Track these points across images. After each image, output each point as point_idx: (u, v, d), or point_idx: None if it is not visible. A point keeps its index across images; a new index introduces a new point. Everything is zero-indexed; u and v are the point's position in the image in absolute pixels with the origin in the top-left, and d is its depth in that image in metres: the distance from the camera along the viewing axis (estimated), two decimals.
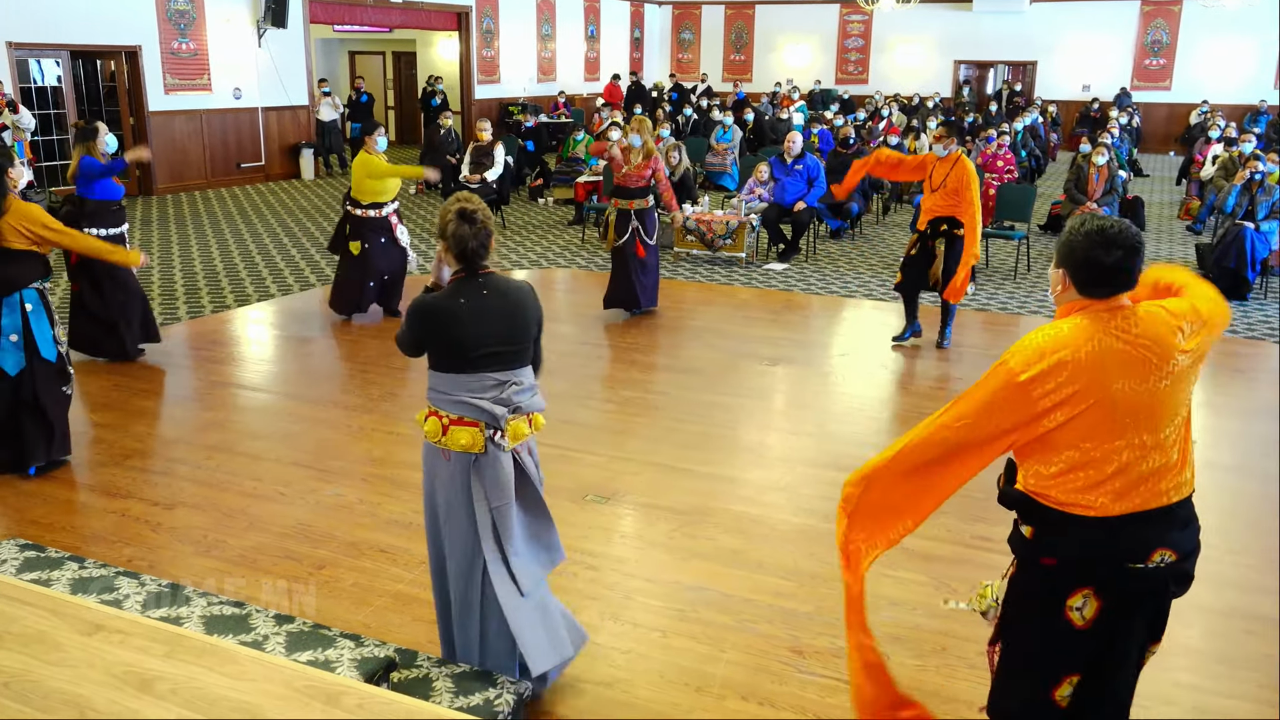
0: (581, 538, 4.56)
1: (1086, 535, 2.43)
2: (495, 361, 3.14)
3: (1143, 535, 2.42)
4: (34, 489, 5.01)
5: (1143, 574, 2.45)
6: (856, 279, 10.10)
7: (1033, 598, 2.55)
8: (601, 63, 24.80)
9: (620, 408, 6.36)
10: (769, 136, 17.74)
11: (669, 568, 4.34)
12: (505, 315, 3.15)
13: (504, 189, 12.83)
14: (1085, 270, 2.41)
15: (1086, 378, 2.36)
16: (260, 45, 15.89)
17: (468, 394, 3.13)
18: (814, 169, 10.90)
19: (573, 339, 7.97)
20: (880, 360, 7.48)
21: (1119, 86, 22.81)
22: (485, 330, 3.10)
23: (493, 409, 3.12)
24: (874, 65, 25.27)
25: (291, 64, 16.52)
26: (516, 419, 3.18)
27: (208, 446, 5.59)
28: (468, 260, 3.13)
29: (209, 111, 15.27)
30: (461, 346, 3.10)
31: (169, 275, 9.68)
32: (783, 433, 6.06)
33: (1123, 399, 2.37)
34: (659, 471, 5.32)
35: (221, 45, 15.29)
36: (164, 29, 14.42)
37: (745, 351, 7.54)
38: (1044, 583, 2.52)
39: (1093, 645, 2.50)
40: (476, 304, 3.11)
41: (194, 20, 14.82)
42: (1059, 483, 2.45)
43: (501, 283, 3.19)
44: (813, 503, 4.97)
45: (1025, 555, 2.57)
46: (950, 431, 2.48)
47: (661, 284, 8.79)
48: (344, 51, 24.05)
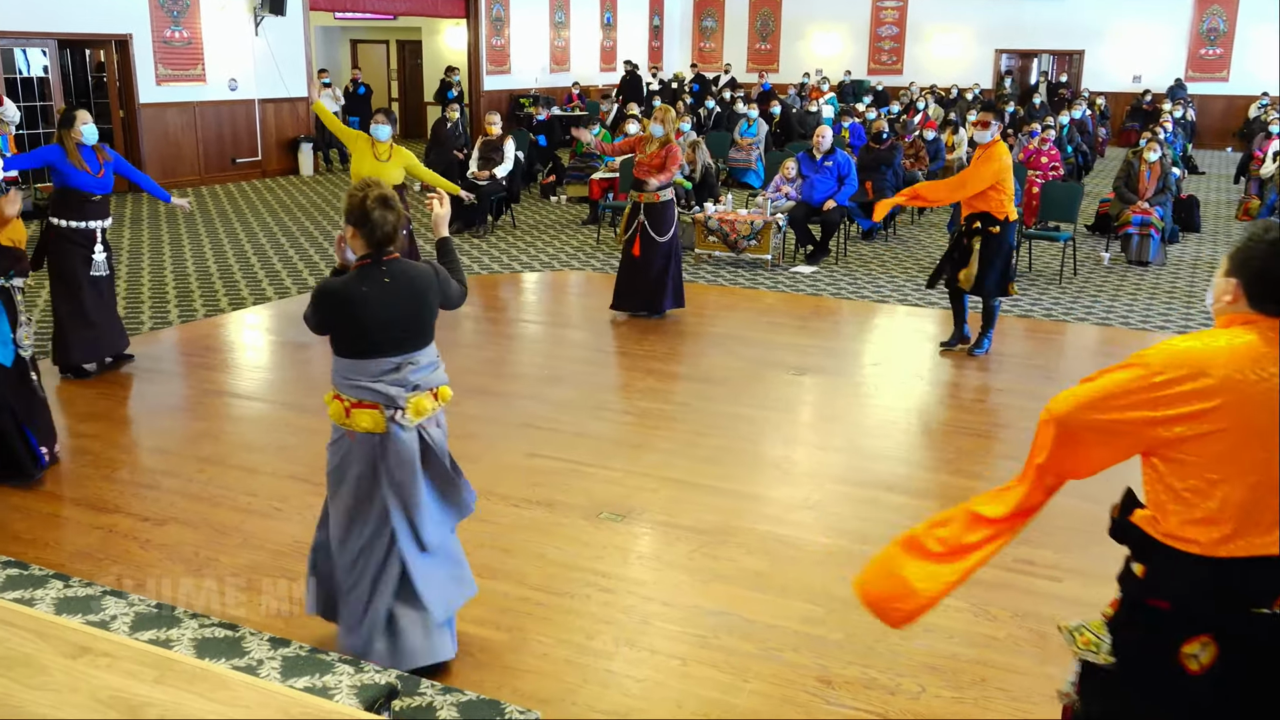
0: (595, 558, 4.56)
1: (1205, 576, 2.33)
2: (394, 346, 3.43)
3: (1271, 579, 2.32)
4: (16, 502, 5.05)
5: (1271, 621, 2.32)
6: (890, 283, 10.08)
7: (1141, 643, 2.44)
8: (618, 52, 24.86)
9: (637, 419, 6.36)
10: (797, 131, 17.72)
11: (688, 591, 4.33)
12: (406, 301, 3.43)
13: (514, 186, 12.89)
14: (1262, 283, 2.32)
15: (1230, 397, 2.26)
16: (257, 33, 16.01)
17: (366, 379, 3.42)
18: (845, 165, 10.89)
19: (586, 345, 7.98)
20: (915, 370, 7.45)
21: (1173, 77, 22.71)
22: (386, 317, 3.39)
23: (389, 390, 3.41)
24: (909, 54, 25.24)
25: (290, 53, 16.63)
26: (418, 396, 3.46)
27: (200, 458, 5.62)
28: (378, 246, 3.41)
29: (203, 104, 15.39)
30: (361, 332, 3.40)
31: (159, 277, 9.75)
32: (810, 447, 6.05)
33: (1265, 430, 2.27)
34: (678, 488, 5.31)
35: (216, 34, 15.41)
36: (156, 16, 14.55)
37: (770, 360, 7.53)
38: (1154, 627, 2.41)
39: (1211, 697, 2.36)
40: (378, 290, 3.38)
41: (187, 7, 14.95)
42: (1180, 514, 2.35)
43: (403, 268, 3.46)
44: (843, 523, 4.96)
45: (1135, 595, 2.46)
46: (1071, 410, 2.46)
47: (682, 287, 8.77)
48: (345, 40, 24.20)
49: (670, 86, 23.02)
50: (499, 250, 11.30)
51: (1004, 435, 6.27)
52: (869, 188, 11.78)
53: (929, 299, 9.37)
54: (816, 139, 11.01)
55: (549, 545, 4.66)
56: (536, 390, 6.91)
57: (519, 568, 4.45)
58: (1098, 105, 20.88)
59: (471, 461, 5.57)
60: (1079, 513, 5.09)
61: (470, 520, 4.84)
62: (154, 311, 8.54)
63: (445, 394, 3.60)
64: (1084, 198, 12.24)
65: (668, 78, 24.15)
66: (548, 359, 7.80)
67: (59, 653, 2.20)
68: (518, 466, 5.54)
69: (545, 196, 15.08)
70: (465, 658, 3.79)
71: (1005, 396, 6.92)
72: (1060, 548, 4.68)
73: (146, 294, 9.04)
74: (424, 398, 3.48)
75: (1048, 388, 7.14)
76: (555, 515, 4.97)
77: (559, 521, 4.90)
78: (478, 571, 4.37)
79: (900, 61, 25.34)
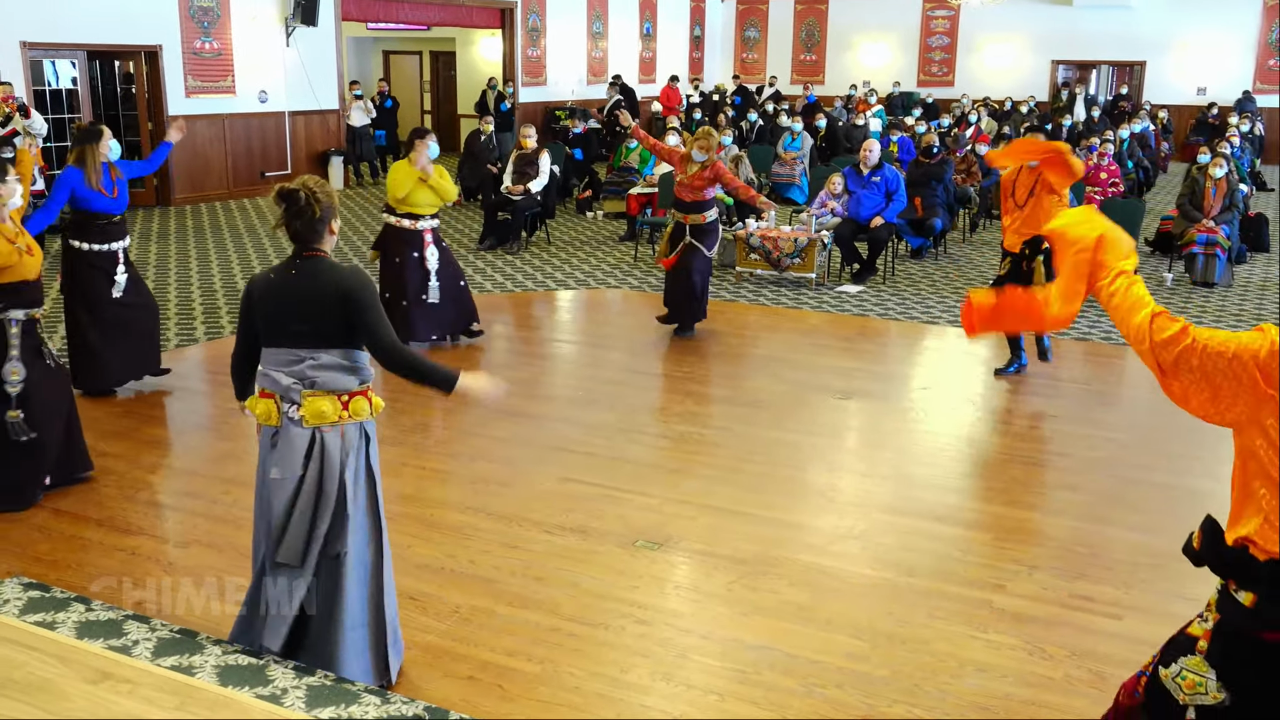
0: (630, 588, 4.55)
1: None
2: (289, 338, 3.58)
3: None
4: (39, 523, 5.13)
5: None
6: (940, 303, 10.03)
7: (1250, 683, 2.36)
8: (658, 63, 24.99)
9: (674, 444, 6.36)
10: (843, 145, 17.71)
11: (728, 623, 4.32)
12: (303, 296, 3.56)
13: (549, 201, 12.96)
14: None
15: None
16: (288, 44, 16.25)
17: (269, 366, 3.63)
18: (893, 181, 10.86)
19: (622, 366, 8.00)
20: (967, 395, 7.40)
21: (1240, 89, 22.46)
22: (280, 306, 3.58)
23: (280, 377, 3.58)
24: (961, 65, 25.15)
25: (321, 65, 16.86)
26: (314, 395, 3.56)
27: (224, 479, 5.68)
28: (291, 239, 3.61)
29: (232, 116, 15.62)
30: (263, 318, 3.62)
31: (186, 293, 9.89)
32: (856, 475, 6.01)
33: None
34: (717, 516, 5.30)
35: (247, 45, 15.66)
36: (186, 27, 14.81)
37: (815, 383, 7.51)
38: (1264, 662, 2.33)
39: None
40: (281, 280, 3.61)
41: (218, 18, 15.21)
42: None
43: (315, 266, 3.60)
44: (889, 554, 4.92)
45: (1242, 627, 2.36)
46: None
47: (722, 307, 8.80)
48: (378, 51, 24.49)
49: (711, 99, 23.10)
50: (533, 267, 11.36)
51: (1060, 464, 6.20)
52: (918, 204, 11.73)
53: None
54: (864, 153, 10.99)
55: (583, 574, 4.66)
56: (571, 413, 6.93)
57: (551, 597, 4.46)
58: (1160, 119, 20.69)
59: (502, 486, 5.61)
60: (1142, 547, 5.03)
61: (501, 548, 4.88)
62: (180, 328, 8.66)
63: (358, 409, 3.64)
64: (1146, 215, 12.13)
65: (709, 89, 24.24)
66: (582, 380, 7.82)
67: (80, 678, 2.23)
68: (551, 492, 5.55)
69: (581, 212, 15.15)
70: (494, 689, 3.80)
71: (1061, 423, 6.85)
72: (1121, 583, 4.62)
73: (173, 310, 9.17)
74: (321, 399, 3.56)
75: (1106, 414, 7.06)
76: (589, 543, 4.97)
77: (593, 549, 4.90)
78: (508, 600, 4.40)
79: (951, 73, 25.26)
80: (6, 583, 4.47)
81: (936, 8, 24.92)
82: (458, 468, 5.91)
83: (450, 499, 5.46)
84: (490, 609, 4.35)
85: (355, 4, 17.54)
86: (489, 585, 4.55)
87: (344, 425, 3.61)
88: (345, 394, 3.59)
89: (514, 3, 20.34)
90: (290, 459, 3.58)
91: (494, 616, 4.30)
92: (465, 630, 4.19)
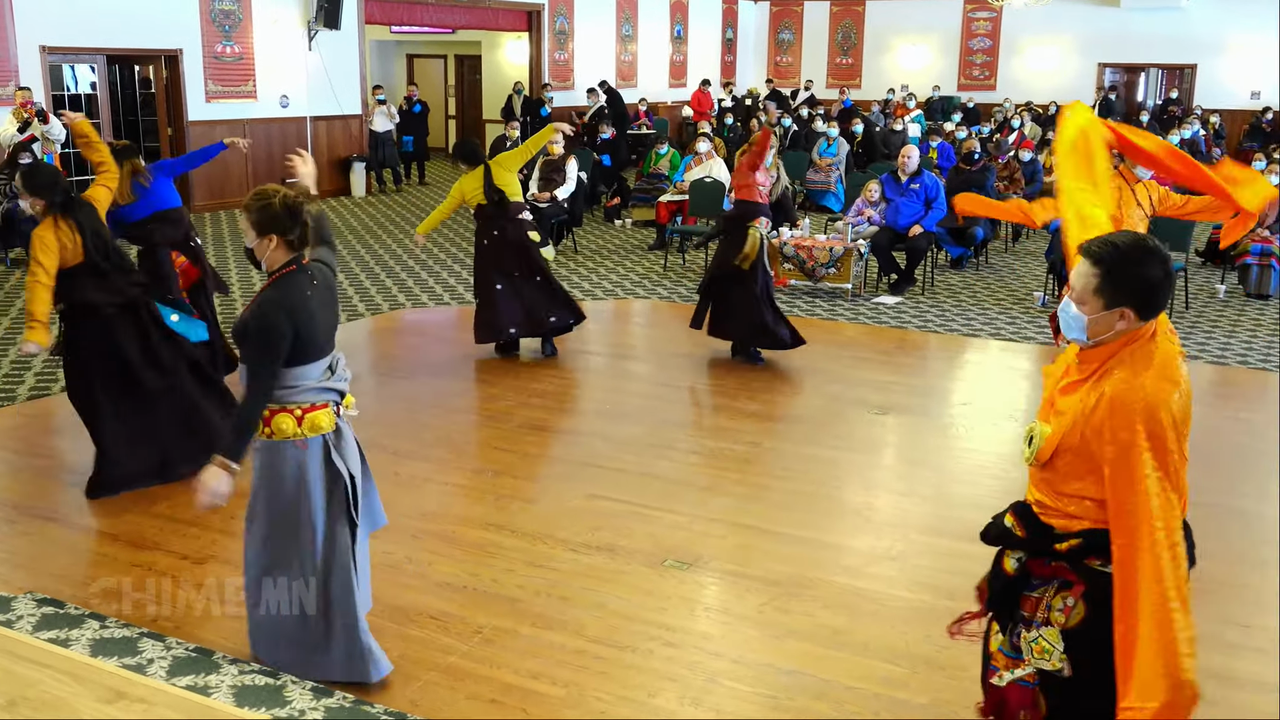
0: (659, 609, 4.54)
1: None
2: (331, 344, 3.85)
3: None
4: (54, 537, 5.18)
5: None
6: (981, 315, 9.97)
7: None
8: (689, 66, 25.03)
9: (705, 460, 6.34)
10: (880, 150, 17.67)
11: (759, 647, 4.30)
12: (331, 300, 3.88)
13: (576, 209, 13.00)
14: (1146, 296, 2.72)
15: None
16: (311, 48, 16.41)
17: (322, 377, 3.82)
18: (932, 188, 10.82)
19: (652, 379, 7.99)
20: (1009, 410, 7.35)
21: None
22: (327, 313, 3.82)
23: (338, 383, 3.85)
24: (1003, 69, 25.06)
25: (344, 69, 17.02)
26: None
27: (243, 494, 5.69)
28: (298, 246, 3.74)
29: (253, 121, 15.76)
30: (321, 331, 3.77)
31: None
32: (894, 494, 5.98)
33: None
34: (749, 535, 5.28)
35: (268, 49, 15.82)
36: (207, 31, 14.98)
37: (851, 397, 7.48)
38: None
39: None
40: (320, 291, 3.80)
41: (239, 21, 15.37)
42: None
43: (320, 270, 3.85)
44: (929, 576, 4.89)
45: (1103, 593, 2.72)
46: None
47: None
48: (401, 55, 24.69)
49: (744, 103, 23.11)
50: (560, 277, 11.37)
51: None
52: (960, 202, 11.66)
53: (1024, 333, 9.24)
54: (902, 160, 10.96)
55: (610, 594, 4.66)
56: (598, 427, 6.93)
57: (577, 618, 4.45)
58: (1212, 124, 20.51)
59: (528, 502, 5.62)
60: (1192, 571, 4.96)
61: (525, 566, 4.88)
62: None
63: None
64: (1197, 224, 12.01)
65: (741, 93, 24.25)
66: (610, 393, 7.82)
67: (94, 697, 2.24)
68: (578, 509, 5.55)
69: (609, 220, 15.18)
70: (517, 713, 3.80)
71: None
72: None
73: None
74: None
75: None
76: (617, 562, 4.96)
77: (621, 569, 4.89)
78: (532, 621, 4.40)
79: (993, 76, 25.16)
80: (20, 598, 4.51)
81: (978, 9, 24.83)
82: (481, 483, 5.92)
83: (473, 515, 5.47)
84: (514, 630, 4.35)
85: (379, 7, 17.69)
86: (513, 605, 4.55)
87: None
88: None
89: (541, 5, 20.44)
90: (350, 451, 3.83)
91: (518, 638, 4.30)
92: (488, 652, 4.19)
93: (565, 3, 21.06)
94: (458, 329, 9.33)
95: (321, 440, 3.73)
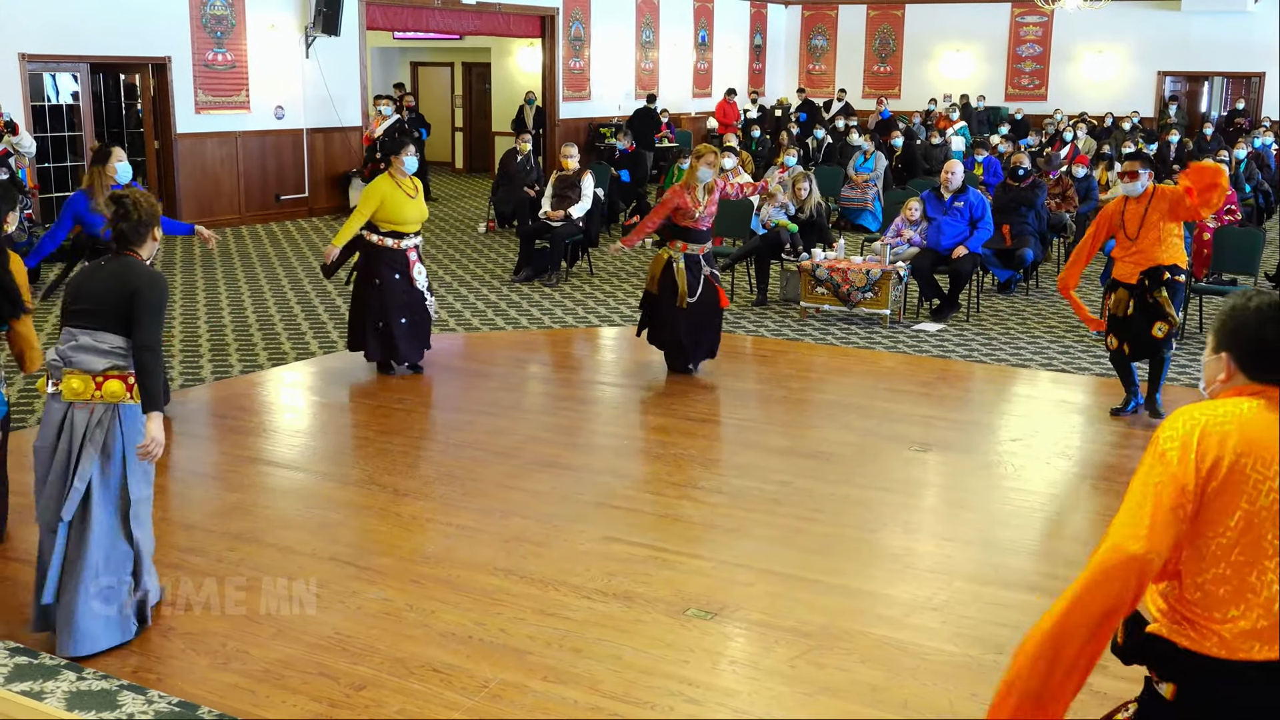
0: (680, 662, 4.53)
1: (1251, 692, 2.39)
2: (68, 317, 4.43)
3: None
4: (27, 581, 5.19)
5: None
6: (1031, 344, 9.95)
7: None
8: (714, 75, 25.14)
9: (731, 500, 6.34)
10: (921, 166, 17.70)
11: (790, 704, 4.28)
12: (100, 283, 4.44)
13: (592, 228, 13.03)
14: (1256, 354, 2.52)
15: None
16: (308, 56, 16.54)
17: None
18: (978, 206, 10.83)
19: (673, 413, 7.99)
20: (1060, 447, 7.32)
21: None
22: (76, 291, 4.47)
23: (49, 354, 4.42)
24: (1054, 77, 25.09)
25: (344, 78, 17.13)
26: (71, 373, 4.33)
27: (230, 535, 5.74)
28: (115, 240, 4.47)
29: (246, 134, 15.91)
30: (64, 301, 4.56)
31: (192, 328, 10.05)
32: (936, 538, 5.96)
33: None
34: (778, 582, 5.27)
35: (263, 56, 15.95)
36: (198, 37, 15.11)
37: (889, 433, 7.46)
38: None
39: None
40: (93, 269, 4.59)
41: (233, 27, 15.52)
42: (1204, 610, 2.43)
43: (126, 262, 4.46)
44: (974, 628, 4.86)
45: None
46: None
47: (785, 347, 8.76)
48: (405, 62, 24.88)
49: (773, 114, 23.20)
50: (573, 301, 11.42)
51: None
52: (1006, 233, 11.67)
53: (1077, 363, 9.22)
54: (945, 175, 10.97)
55: (626, 646, 4.65)
56: (615, 464, 6.93)
57: (591, 671, 4.45)
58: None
59: (538, 545, 5.62)
60: None
61: (536, 615, 4.88)
62: (185, 366, 8.79)
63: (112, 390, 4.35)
64: (1266, 245, 11.97)
65: (770, 104, 24.34)
66: (628, 428, 7.83)
67: None
68: (592, 552, 5.55)
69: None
70: None
71: None
72: None
73: (177, 347, 9.31)
74: (75, 377, 4.32)
75: None
76: (634, 611, 4.95)
77: (639, 618, 4.89)
78: (543, 674, 4.39)
79: (1044, 85, 25.20)
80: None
81: (1027, 13, 24.88)
82: (488, 525, 5.93)
83: (480, 560, 5.48)
84: (523, 684, 4.35)
85: (381, 12, 17.82)
86: (522, 657, 4.54)
87: (94, 404, 4.34)
88: (99, 374, 4.32)
89: (555, 10, 20.56)
90: (46, 429, 4.41)
91: (527, 692, 4.29)
92: (495, 707, 4.18)
93: (581, 7, 21.20)
94: (459, 357, 9.38)
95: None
